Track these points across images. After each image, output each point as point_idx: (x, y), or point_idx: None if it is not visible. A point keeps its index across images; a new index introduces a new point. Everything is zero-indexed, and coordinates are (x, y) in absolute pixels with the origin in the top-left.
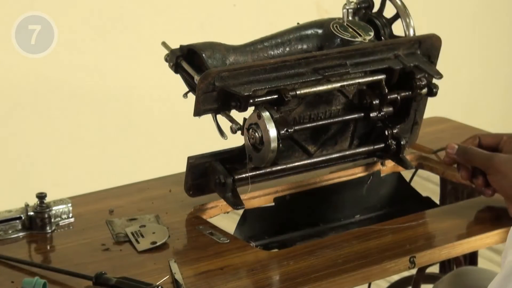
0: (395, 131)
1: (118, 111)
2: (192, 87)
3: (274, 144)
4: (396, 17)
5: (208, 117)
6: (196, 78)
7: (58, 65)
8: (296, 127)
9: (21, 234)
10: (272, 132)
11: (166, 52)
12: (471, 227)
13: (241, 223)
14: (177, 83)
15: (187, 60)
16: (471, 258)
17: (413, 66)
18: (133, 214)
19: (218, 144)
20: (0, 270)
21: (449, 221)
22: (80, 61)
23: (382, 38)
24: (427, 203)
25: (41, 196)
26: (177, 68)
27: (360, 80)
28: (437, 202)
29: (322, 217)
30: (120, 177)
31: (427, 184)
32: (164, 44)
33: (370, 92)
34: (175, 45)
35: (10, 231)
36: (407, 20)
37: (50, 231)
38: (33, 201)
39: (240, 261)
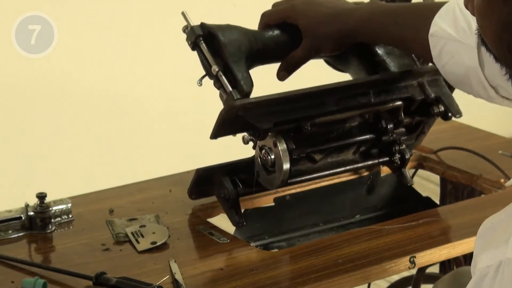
0: (402, 147)
1: (118, 111)
2: (207, 71)
3: (285, 176)
4: None
5: (208, 117)
6: (214, 68)
7: (58, 65)
8: (309, 150)
9: (21, 234)
10: (286, 165)
11: (185, 23)
12: (471, 227)
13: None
14: (177, 83)
15: (207, 41)
16: (471, 258)
17: (434, 98)
18: (133, 214)
19: (218, 144)
20: (0, 270)
21: (449, 221)
22: (80, 61)
23: None
24: (427, 203)
25: (41, 196)
26: (194, 46)
27: (380, 108)
28: (437, 202)
29: (322, 217)
30: (120, 177)
31: (427, 184)
32: (184, 15)
33: (387, 116)
34: (175, 46)
35: (10, 231)
36: None
37: (50, 231)
38: (33, 201)
39: (240, 261)
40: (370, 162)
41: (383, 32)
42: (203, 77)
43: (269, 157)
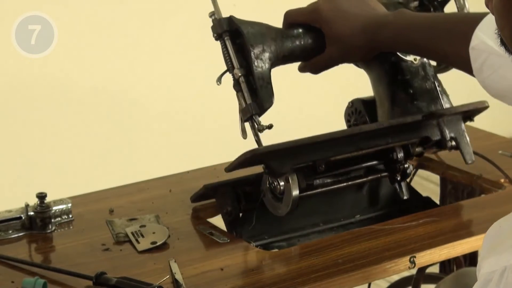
0: (406, 165)
1: (118, 111)
2: (229, 67)
3: (292, 208)
4: None
5: (208, 118)
6: (237, 72)
7: (58, 65)
8: (318, 180)
9: (21, 234)
10: (295, 198)
11: (212, 9)
12: (471, 227)
13: (241, 223)
14: (177, 83)
15: (232, 37)
16: (471, 258)
17: (449, 139)
18: (133, 214)
19: (218, 144)
20: (0, 270)
21: (449, 221)
22: (80, 61)
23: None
24: (427, 203)
25: (41, 196)
26: (219, 38)
27: (395, 144)
28: (437, 202)
29: (322, 217)
30: (120, 177)
31: (427, 184)
32: (213, 0)
33: (399, 150)
34: (176, 46)
35: (10, 231)
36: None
37: (50, 231)
38: (33, 201)
39: (240, 261)
40: (371, 177)
41: (418, 46)
42: (223, 74)
43: (279, 186)
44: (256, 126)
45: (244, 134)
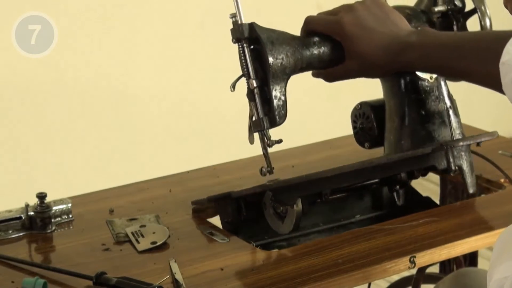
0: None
1: (119, 111)
2: (244, 73)
3: (294, 227)
4: (472, 12)
5: (209, 118)
6: (252, 83)
7: (58, 65)
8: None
9: (21, 234)
10: (297, 221)
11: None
12: (471, 227)
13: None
14: (178, 83)
15: (251, 43)
16: (471, 258)
17: (454, 170)
18: (133, 214)
19: (218, 144)
20: (0, 270)
21: (449, 221)
22: (80, 61)
23: (453, 28)
24: (427, 203)
25: (41, 196)
26: (237, 42)
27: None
28: (437, 202)
29: (322, 217)
30: (120, 177)
31: (427, 184)
32: (236, 1)
33: (404, 173)
34: (176, 46)
35: (10, 231)
36: (483, 9)
37: (50, 231)
38: (33, 201)
39: (240, 261)
40: (372, 186)
41: (444, 66)
42: (237, 79)
43: (282, 207)
44: (266, 140)
45: (251, 140)
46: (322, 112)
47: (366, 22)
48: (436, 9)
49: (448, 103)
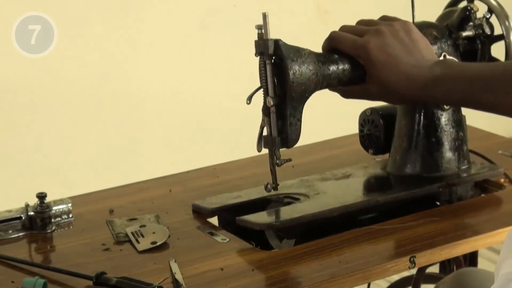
0: None
1: (118, 111)
2: (262, 86)
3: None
4: (498, 37)
5: (209, 118)
6: (269, 101)
7: (58, 65)
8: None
9: (21, 234)
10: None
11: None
12: (471, 227)
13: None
14: (178, 83)
15: (273, 59)
16: (471, 258)
17: (456, 200)
18: (133, 214)
19: (219, 144)
20: (1, 270)
21: (449, 221)
22: (80, 61)
23: (478, 52)
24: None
25: (41, 196)
26: (259, 56)
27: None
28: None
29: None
30: (120, 177)
31: None
32: (264, 16)
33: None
34: (176, 46)
35: (10, 231)
36: (507, 23)
37: (50, 231)
38: (33, 201)
39: (240, 261)
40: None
41: (470, 100)
42: (254, 92)
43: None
44: (275, 159)
45: (259, 148)
46: (322, 112)
47: (393, 50)
48: (464, 34)
49: (460, 132)
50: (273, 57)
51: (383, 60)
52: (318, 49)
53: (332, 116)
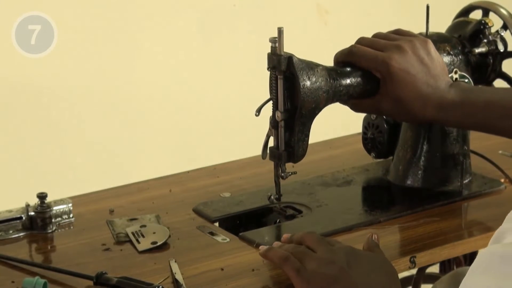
0: None
1: (118, 111)
2: (272, 100)
3: None
4: (510, 54)
5: (209, 118)
6: (278, 115)
7: (58, 65)
8: None
9: (21, 234)
10: None
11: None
12: (471, 227)
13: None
14: (178, 83)
15: (286, 74)
16: (471, 258)
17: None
18: (134, 214)
19: (219, 144)
20: (1, 270)
21: (449, 221)
22: (80, 61)
23: (489, 68)
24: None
25: (41, 196)
26: (271, 70)
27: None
28: None
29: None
30: (120, 177)
31: None
32: (280, 31)
33: None
34: (176, 46)
35: (10, 231)
36: None
37: (50, 231)
38: (34, 201)
39: (240, 261)
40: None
41: (485, 125)
42: (264, 104)
43: None
44: (281, 172)
45: (264, 156)
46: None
47: (412, 68)
48: (477, 50)
49: (465, 146)
50: (286, 72)
51: (402, 77)
52: (318, 49)
53: (332, 116)
